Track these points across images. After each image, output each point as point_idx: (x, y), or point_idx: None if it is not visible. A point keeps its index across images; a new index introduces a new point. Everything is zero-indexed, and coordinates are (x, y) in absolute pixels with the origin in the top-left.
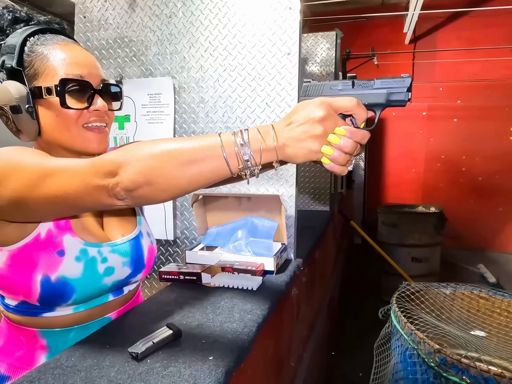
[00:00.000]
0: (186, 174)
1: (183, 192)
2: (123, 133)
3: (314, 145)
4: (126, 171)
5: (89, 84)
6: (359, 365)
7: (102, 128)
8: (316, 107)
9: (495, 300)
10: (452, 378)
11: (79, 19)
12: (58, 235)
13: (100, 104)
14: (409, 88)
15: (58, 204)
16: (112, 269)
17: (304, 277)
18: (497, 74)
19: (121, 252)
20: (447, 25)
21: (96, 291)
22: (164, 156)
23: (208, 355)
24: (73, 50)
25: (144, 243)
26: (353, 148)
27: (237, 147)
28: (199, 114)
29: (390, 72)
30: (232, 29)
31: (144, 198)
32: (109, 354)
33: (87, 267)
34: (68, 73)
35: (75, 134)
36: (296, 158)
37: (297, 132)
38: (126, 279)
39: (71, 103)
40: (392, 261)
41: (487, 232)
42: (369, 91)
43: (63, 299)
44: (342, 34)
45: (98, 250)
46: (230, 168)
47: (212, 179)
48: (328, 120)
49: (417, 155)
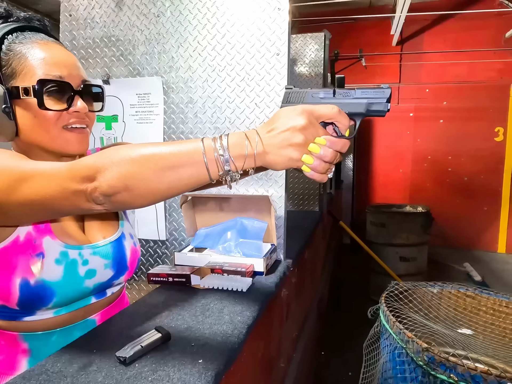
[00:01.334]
0: (165, 180)
1: (163, 198)
2: (111, 133)
3: (294, 154)
4: (105, 176)
5: (68, 85)
6: (349, 365)
7: (82, 129)
8: (298, 115)
9: (481, 298)
10: (440, 376)
11: (64, 17)
12: (37, 238)
13: (80, 106)
14: (389, 99)
15: (35, 209)
16: (93, 271)
17: (294, 277)
18: (481, 76)
19: (103, 254)
20: (433, 28)
21: (77, 294)
22: (142, 161)
23: (197, 358)
24: (52, 50)
25: (127, 244)
26: (333, 157)
27: (216, 153)
28: (188, 115)
29: (377, 73)
30: (221, 29)
31: (122, 203)
32: (96, 359)
33: (68, 270)
34: (47, 73)
35: (54, 135)
36: (276, 165)
37: (278, 139)
38: (109, 281)
39: (50, 104)
40: (380, 261)
41: (472, 231)
42: (350, 100)
43: (43, 303)
44: (331, 36)
45: (79, 253)
46: (209, 174)
47: (192, 185)
48: (309, 128)
49: (405, 156)
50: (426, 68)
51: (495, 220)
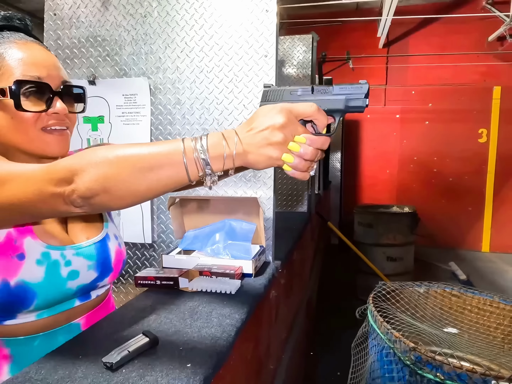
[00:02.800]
0: (144, 181)
1: (142, 199)
2: (97, 134)
3: (274, 153)
4: (82, 178)
5: (47, 86)
6: (337, 364)
7: (62, 131)
8: (277, 114)
9: (466, 297)
10: (426, 375)
11: (49, 16)
12: (18, 238)
13: (59, 107)
14: (367, 95)
15: (12, 212)
16: (76, 272)
17: (283, 279)
18: (465, 79)
19: (86, 255)
20: (418, 31)
21: (60, 296)
22: (120, 162)
23: (186, 363)
24: (31, 50)
25: (111, 245)
26: (313, 155)
27: (196, 153)
28: (175, 116)
29: (364, 75)
30: (208, 30)
31: (102, 205)
32: (82, 365)
33: (49, 270)
34: (25, 74)
35: (33, 137)
36: (257, 164)
37: (257, 139)
38: (93, 283)
39: (28, 106)
40: (368, 261)
41: (457, 231)
42: (328, 97)
43: (24, 305)
44: (319, 38)
45: (61, 253)
46: (189, 175)
47: (171, 186)
48: (288, 127)
49: (391, 157)
50: (412, 70)
51: (479, 220)
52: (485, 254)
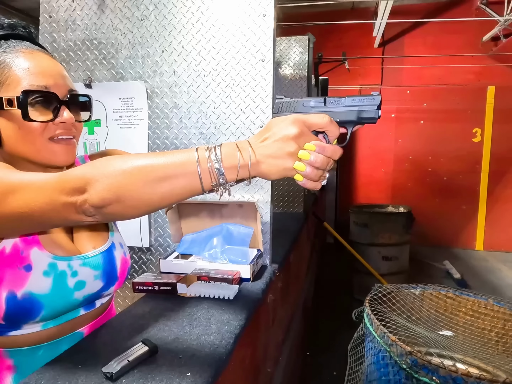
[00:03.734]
0: (157, 192)
1: (155, 209)
2: (94, 138)
3: (288, 163)
4: (95, 187)
5: (54, 96)
6: (333, 364)
7: (69, 140)
8: (290, 124)
9: (461, 299)
10: (422, 379)
11: (44, 18)
12: (24, 249)
13: (66, 116)
14: (379, 106)
15: (23, 221)
16: (83, 283)
17: (280, 282)
18: (460, 79)
19: (93, 265)
20: (413, 30)
21: (67, 306)
22: (134, 172)
23: (185, 372)
24: (38, 59)
25: (117, 254)
26: (324, 163)
27: (210, 163)
28: (172, 120)
29: (360, 75)
30: (205, 34)
31: (114, 214)
32: (82, 375)
33: (56, 282)
34: (32, 83)
35: (40, 147)
36: (270, 175)
37: (272, 149)
38: (98, 292)
39: (35, 116)
40: (363, 260)
41: (451, 229)
42: (341, 108)
43: (31, 317)
44: (315, 39)
45: (68, 264)
46: (202, 184)
47: (185, 195)
48: (301, 137)
49: (386, 156)
50: (407, 70)
51: (473, 218)
52: (479, 253)
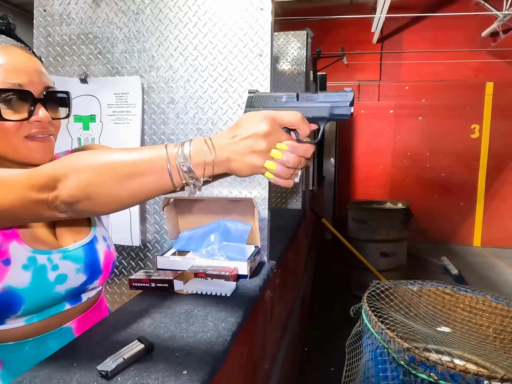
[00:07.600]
0: (127, 188)
1: (126, 206)
2: (88, 133)
3: (258, 160)
4: (65, 184)
5: (28, 93)
6: (331, 360)
7: (46, 138)
8: (260, 121)
9: (459, 296)
10: (420, 375)
11: (38, 12)
12: (3, 243)
13: (41, 115)
14: (352, 103)
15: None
16: (64, 276)
17: (278, 278)
18: (458, 75)
19: (74, 258)
20: (412, 26)
21: (48, 300)
22: (102, 169)
23: (181, 369)
24: (12, 55)
25: (100, 247)
26: (296, 163)
27: (178, 160)
28: (169, 115)
29: (358, 70)
30: (202, 28)
31: (85, 211)
32: (76, 373)
33: (36, 275)
34: (5, 81)
35: (16, 145)
36: (241, 171)
37: (241, 146)
38: (82, 286)
39: (8, 114)
40: (361, 257)
41: (449, 226)
42: (313, 104)
43: (11, 311)
44: (313, 34)
45: (47, 258)
46: (173, 181)
47: (155, 193)
48: (272, 135)
49: (385, 152)
50: (405, 66)
51: (471, 215)
52: (477, 249)
